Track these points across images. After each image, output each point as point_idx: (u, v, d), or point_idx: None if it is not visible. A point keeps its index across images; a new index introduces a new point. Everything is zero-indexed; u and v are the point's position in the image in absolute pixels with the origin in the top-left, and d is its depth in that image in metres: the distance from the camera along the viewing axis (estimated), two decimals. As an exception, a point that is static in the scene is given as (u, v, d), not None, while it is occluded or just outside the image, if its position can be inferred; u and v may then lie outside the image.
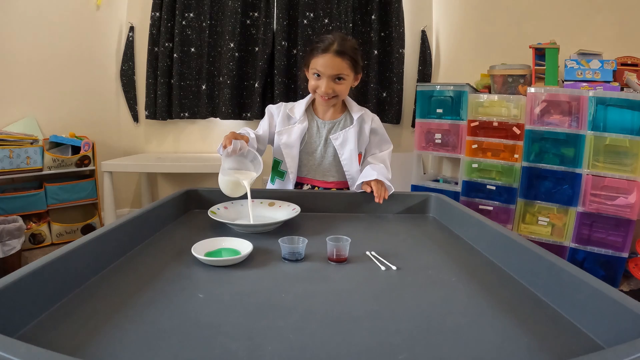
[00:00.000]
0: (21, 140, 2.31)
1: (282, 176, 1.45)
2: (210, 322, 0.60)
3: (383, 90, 2.92)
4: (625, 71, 2.11)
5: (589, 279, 0.63)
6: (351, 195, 1.27)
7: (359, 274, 0.80)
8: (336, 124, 1.44)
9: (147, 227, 0.98)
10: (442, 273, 0.81)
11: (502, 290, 0.74)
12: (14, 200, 2.32)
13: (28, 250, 2.35)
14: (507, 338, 0.58)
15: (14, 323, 0.55)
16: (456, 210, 1.12)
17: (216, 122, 3.01)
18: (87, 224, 2.62)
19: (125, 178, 3.04)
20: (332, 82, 1.32)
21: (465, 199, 2.38)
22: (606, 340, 0.56)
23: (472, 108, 2.32)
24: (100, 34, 2.82)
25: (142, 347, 0.53)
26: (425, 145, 2.54)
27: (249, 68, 2.90)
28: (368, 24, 2.86)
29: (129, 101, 2.96)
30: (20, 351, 0.41)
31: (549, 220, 2.14)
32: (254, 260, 0.84)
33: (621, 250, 1.96)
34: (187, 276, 0.76)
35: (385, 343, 0.56)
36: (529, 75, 2.24)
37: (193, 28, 2.85)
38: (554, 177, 2.10)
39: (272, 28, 2.82)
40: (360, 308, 0.66)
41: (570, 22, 2.43)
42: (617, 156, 1.94)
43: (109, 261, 0.80)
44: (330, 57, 1.29)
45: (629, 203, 1.92)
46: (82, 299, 0.66)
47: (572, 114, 2.03)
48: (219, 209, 1.12)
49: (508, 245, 0.85)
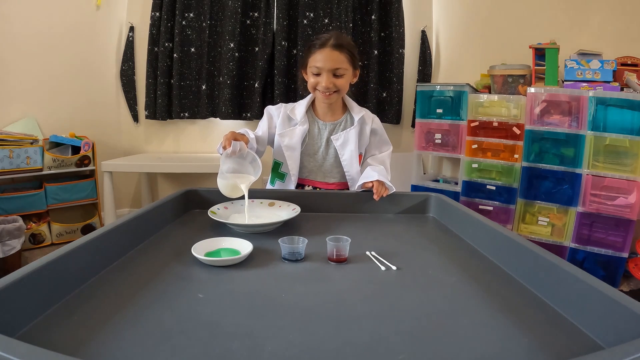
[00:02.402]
0: (21, 140, 2.31)
1: (282, 178, 1.44)
2: (210, 322, 0.60)
3: (383, 90, 2.92)
4: (625, 71, 2.11)
5: (589, 279, 0.63)
6: (351, 196, 1.27)
7: (359, 274, 0.80)
8: (337, 125, 1.44)
9: (147, 227, 0.98)
10: (442, 273, 0.81)
11: (502, 290, 0.74)
12: (14, 200, 2.32)
13: (28, 250, 2.35)
14: (507, 338, 0.58)
15: (14, 323, 0.55)
16: (456, 211, 1.12)
17: (216, 122, 3.01)
18: (87, 224, 2.62)
19: (125, 178, 3.04)
20: (332, 76, 1.32)
21: (465, 199, 2.38)
22: (606, 340, 0.56)
23: (472, 108, 2.32)
24: (100, 34, 2.82)
25: (142, 347, 0.53)
26: (425, 145, 2.54)
27: (249, 68, 2.90)
28: (368, 24, 2.86)
29: (129, 101, 2.96)
30: (20, 351, 0.41)
31: (549, 220, 2.14)
32: (254, 260, 0.84)
33: (621, 250, 1.96)
34: (187, 276, 0.76)
35: (385, 343, 0.56)
36: (529, 75, 2.24)
37: (193, 28, 2.85)
38: (554, 177, 2.10)
39: (272, 28, 2.82)
40: (360, 308, 0.66)
41: (570, 22, 2.43)
42: (617, 156, 1.94)
43: (109, 261, 0.80)
44: (328, 51, 1.30)
45: (629, 203, 1.92)
46: (82, 299, 0.66)
47: (572, 114, 2.03)
48: (219, 209, 1.12)
49: (508, 245, 0.85)
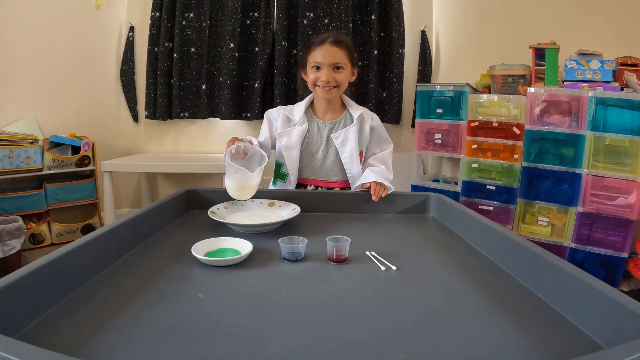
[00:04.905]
0: (21, 140, 2.31)
1: (284, 178, 1.45)
2: (210, 322, 0.60)
3: (383, 90, 2.92)
4: (625, 71, 2.11)
5: (589, 279, 0.63)
6: (351, 195, 1.27)
7: (359, 274, 0.80)
8: (337, 123, 1.45)
9: (147, 227, 0.98)
10: (442, 273, 0.81)
11: (502, 290, 0.74)
12: (14, 200, 2.32)
13: (28, 250, 2.35)
14: (507, 338, 0.58)
15: (14, 323, 0.55)
16: (456, 211, 1.12)
17: (216, 122, 3.01)
18: (87, 224, 2.62)
19: (125, 178, 3.04)
20: (332, 71, 1.36)
21: (465, 199, 2.38)
22: (606, 340, 0.56)
23: (472, 108, 2.32)
24: (100, 34, 2.82)
25: (142, 347, 0.53)
26: (425, 145, 2.54)
27: (249, 68, 2.90)
28: (368, 24, 2.86)
29: (129, 101, 2.96)
30: (20, 351, 0.41)
31: (549, 220, 2.14)
32: (254, 260, 0.84)
33: (621, 250, 1.96)
34: (187, 276, 0.76)
35: (385, 343, 0.56)
36: (528, 75, 2.24)
37: (193, 28, 2.85)
38: (553, 177, 2.10)
39: (272, 28, 2.82)
40: (360, 308, 0.66)
41: (570, 22, 2.43)
42: (617, 156, 1.94)
43: (109, 261, 0.80)
44: (328, 47, 1.35)
45: (628, 203, 1.92)
46: (82, 299, 0.66)
47: (572, 114, 2.03)
48: (219, 209, 1.12)
49: (508, 245, 0.85)
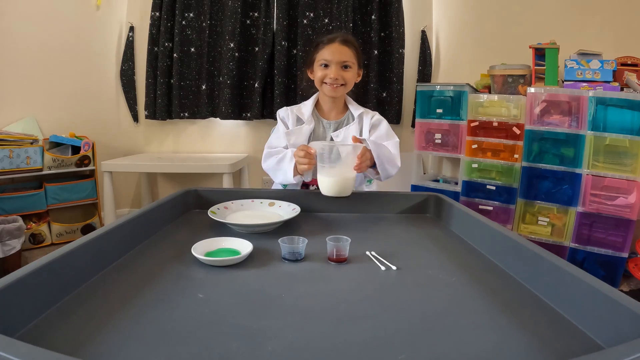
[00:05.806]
0: (21, 140, 2.31)
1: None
2: (210, 322, 0.60)
3: (383, 90, 2.92)
4: (625, 71, 2.11)
5: (589, 279, 0.63)
6: (351, 196, 1.27)
7: (359, 274, 0.80)
8: (341, 123, 1.49)
9: (147, 227, 0.98)
10: (442, 273, 0.81)
11: (502, 290, 0.74)
12: (14, 200, 2.32)
13: (28, 250, 2.35)
14: (507, 338, 0.58)
15: (14, 323, 0.55)
16: (456, 210, 1.12)
17: (216, 122, 3.01)
18: (87, 224, 2.62)
19: (125, 178, 3.04)
20: (340, 69, 1.38)
21: (465, 199, 2.37)
22: (606, 340, 0.56)
23: (472, 108, 2.32)
24: (100, 34, 2.82)
25: (142, 347, 0.53)
26: (425, 145, 2.54)
27: (249, 68, 2.90)
28: (368, 24, 2.86)
29: (129, 101, 2.96)
30: (20, 351, 0.41)
31: (549, 220, 2.14)
32: (254, 260, 0.84)
33: (621, 250, 1.96)
34: (187, 276, 0.76)
35: (385, 343, 0.56)
36: (528, 75, 2.24)
37: (193, 28, 2.85)
38: (553, 177, 2.10)
39: (272, 28, 2.82)
40: (360, 308, 0.66)
41: (570, 22, 2.42)
42: (617, 156, 1.94)
43: (109, 261, 0.80)
44: (337, 45, 1.38)
45: (628, 203, 1.92)
46: (82, 299, 0.66)
47: (572, 114, 2.03)
48: (219, 209, 1.12)
49: (508, 245, 0.85)
